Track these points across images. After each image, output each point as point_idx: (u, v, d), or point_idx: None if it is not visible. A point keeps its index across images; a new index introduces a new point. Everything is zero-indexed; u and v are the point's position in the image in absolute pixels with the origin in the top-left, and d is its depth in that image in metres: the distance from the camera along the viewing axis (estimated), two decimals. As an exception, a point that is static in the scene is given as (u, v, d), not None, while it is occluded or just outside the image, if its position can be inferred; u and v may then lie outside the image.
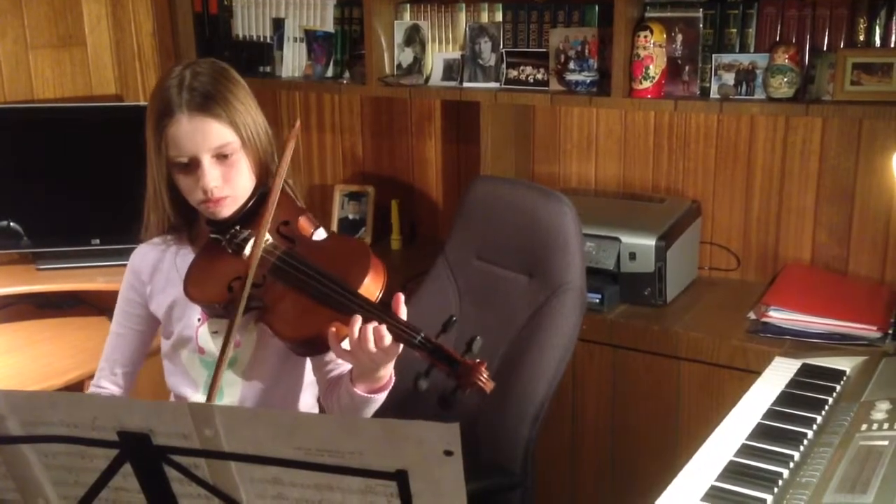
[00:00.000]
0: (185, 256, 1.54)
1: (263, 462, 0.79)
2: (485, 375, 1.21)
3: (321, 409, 1.62)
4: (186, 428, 0.79)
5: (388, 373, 1.37)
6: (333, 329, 1.31)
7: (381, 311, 1.29)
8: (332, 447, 0.77)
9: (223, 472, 0.82)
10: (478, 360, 1.22)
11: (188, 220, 1.55)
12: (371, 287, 1.35)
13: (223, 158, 1.44)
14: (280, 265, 1.40)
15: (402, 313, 1.31)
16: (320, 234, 1.55)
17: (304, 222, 1.49)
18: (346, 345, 1.33)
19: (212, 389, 1.31)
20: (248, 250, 1.42)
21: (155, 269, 1.58)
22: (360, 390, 1.37)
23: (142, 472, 0.83)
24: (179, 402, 0.82)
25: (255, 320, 1.46)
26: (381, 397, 1.40)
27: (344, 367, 1.48)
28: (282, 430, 0.78)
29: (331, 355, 1.45)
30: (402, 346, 1.28)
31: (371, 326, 1.27)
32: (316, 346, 1.36)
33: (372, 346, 1.27)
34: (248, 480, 0.82)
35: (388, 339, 1.26)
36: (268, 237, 1.44)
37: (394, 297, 1.31)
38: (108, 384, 1.62)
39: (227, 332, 1.36)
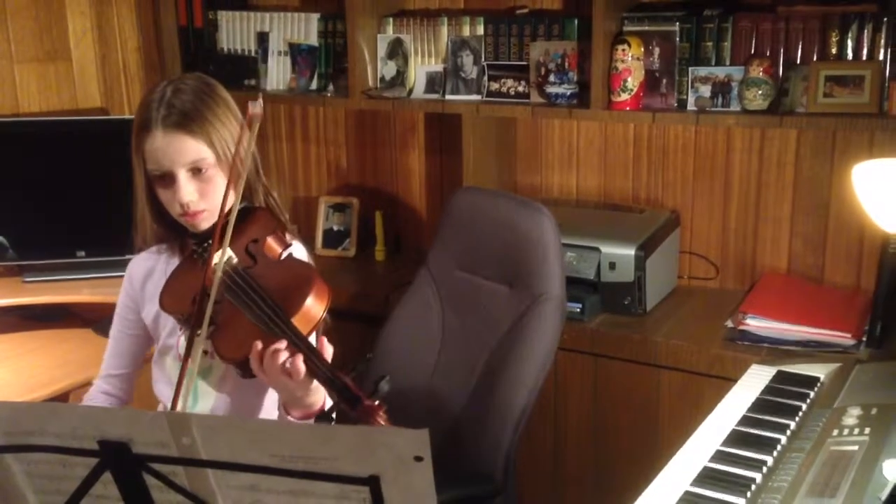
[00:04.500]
0: (173, 266, 1.57)
1: (240, 469, 0.81)
2: (382, 419, 1.24)
3: None
4: (164, 436, 0.81)
5: (318, 400, 1.39)
6: (257, 349, 1.33)
7: (303, 343, 1.32)
8: (307, 454, 0.79)
9: (201, 480, 0.84)
10: (377, 403, 1.25)
11: (177, 232, 1.57)
12: (308, 314, 1.36)
13: (198, 173, 1.47)
14: (231, 284, 1.41)
15: (327, 353, 1.34)
16: (297, 252, 1.56)
17: (271, 241, 1.49)
18: None
19: (175, 397, 1.34)
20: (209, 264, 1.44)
21: (147, 277, 1.63)
22: (293, 416, 1.39)
23: (122, 480, 0.85)
24: (157, 412, 0.84)
25: (208, 336, 1.49)
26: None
27: None
28: (257, 437, 0.80)
29: None
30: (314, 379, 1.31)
31: (283, 354, 1.30)
32: (250, 370, 1.37)
33: (280, 371, 1.30)
34: (225, 487, 0.84)
35: (301, 370, 1.29)
36: (232, 255, 1.45)
37: (318, 339, 1.36)
38: (105, 385, 1.68)
39: (186, 346, 1.38)
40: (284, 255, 1.51)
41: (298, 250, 1.59)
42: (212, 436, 0.80)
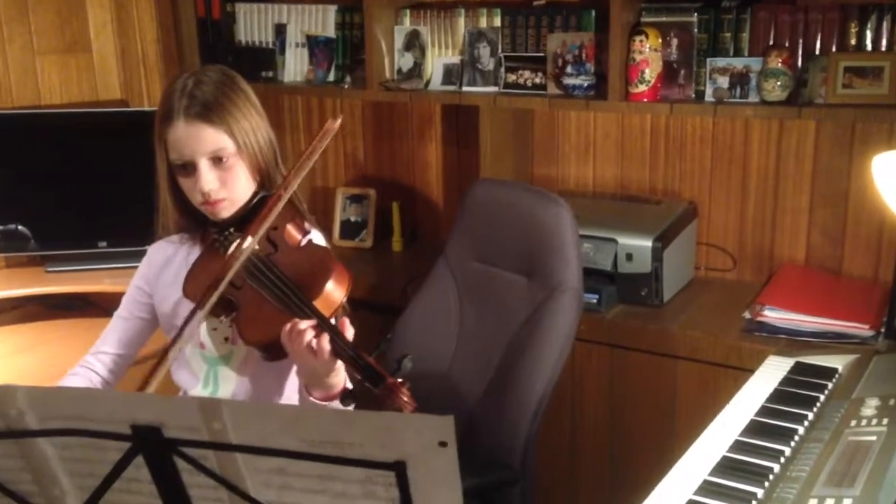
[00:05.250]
0: (195, 256, 1.59)
1: (269, 453, 0.83)
2: (405, 396, 1.27)
3: None
4: (195, 421, 0.83)
5: (339, 381, 1.42)
6: (286, 333, 1.36)
7: (326, 324, 1.35)
8: (334, 439, 0.81)
9: (230, 464, 0.86)
10: (400, 381, 1.27)
11: (199, 221, 1.60)
12: (329, 298, 1.40)
13: (219, 162, 1.49)
14: (253, 269, 1.45)
15: (348, 333, 1.37)
16: (316, 238, 1.59)
17: (291, 228, 1.52)
18: None
19: (147, 380, 1.35)
20: (231, 251, 1.47)
21: (166, 263, 1.65)
22: (314, 397, 1.42)
23: (153, 463, 0.87)
24: (189, 397, 0.86)
25: (229, 322, 1.51)
26: (336, 405, 1.42)
27: None
28: (286, 422, 0.82)
29: None
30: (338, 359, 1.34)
31: (310, 333, 1.33)
32: (274, 352, 1.41)
33: (306, 349, 1.33)
34: (254, 471, 0.86)
35: (326, 350, 1.32)
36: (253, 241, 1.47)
37: (340, 320, 1.39)
38: (93, 360, 1.67)
39: (182, 324, 1.40)
40: (304, 241, 1.54)
41: (317, 238, 1.61)
42: (242, 420, 0.82)
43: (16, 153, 2.56)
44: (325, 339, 1.32)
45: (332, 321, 1.38)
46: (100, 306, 2.54)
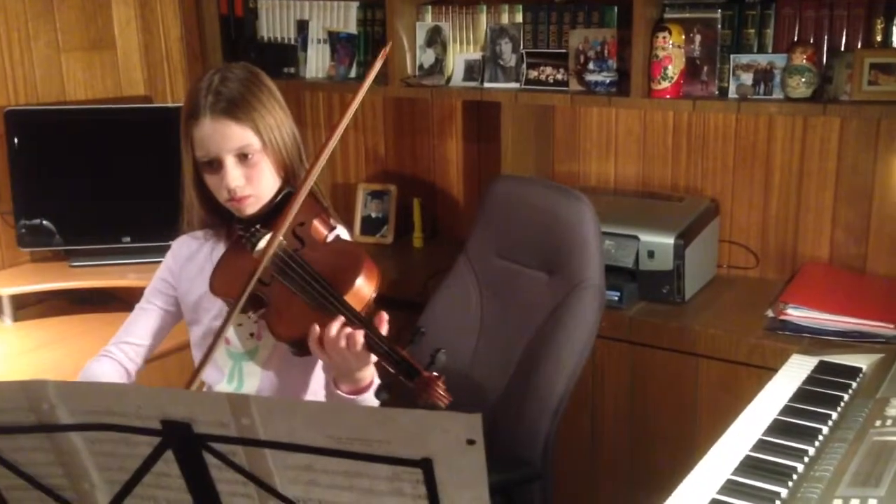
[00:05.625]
0: (219, 251, 1.61)
1: (297, 450, 0.84)
2: (441, 390, 1.26)
3: None
4: (225, 417, 0.83)
5: (368, 375, 1.42)
6: (316, 329, 1.36)
7: (359, 318, 1.35)
8: (362, 436, 0.81)
9: (259, 459, 0.86)
10: (436, 375, 1.27)
11: (223, 218, 1.61)
12: (360, 293, 1.40)
13: (244, 159, 1.50)
14: (282, 265, 1.45)
15: (383, 328, 1.37)
16: (342, 235, 1.59)
17: (317, 224, 1.53)
18: None
19: (195, 375, 1.37)
20: (259, 248, 1.48)
21: (190, 258, 1.66)
22: (342, 391, 1.42)
23: (183, 458, 0.88)
24: (218, 393, 0.87)
25: (258, 318, 1.52)
26: (364, 398, 1.43)
27: None
28: (314, 419, 0.83)
29: None
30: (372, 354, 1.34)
31: (345, 330, 1.33)
32: (304, 347, 1.41)
33: (343, 347, 1.33)
34: (282, 467, 0.86)
35: (360, 344, 1.32)
36: (280, 238, 1.48)
37: (378, 314, 1.39)
38: (114, 350, 1.68)
39: (223, 322, 1.42)
40: (331, 237, 1.54)
41: (343, 234, 1.62)
42: (271, 417, 0.83)
43: (41, 149, 2.59)
44: (360, 333, 1.32)
45: (364, 315, 1.38)
46: (124, 301, 2.56)
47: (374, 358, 1.37)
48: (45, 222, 2.60)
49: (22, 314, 2.53)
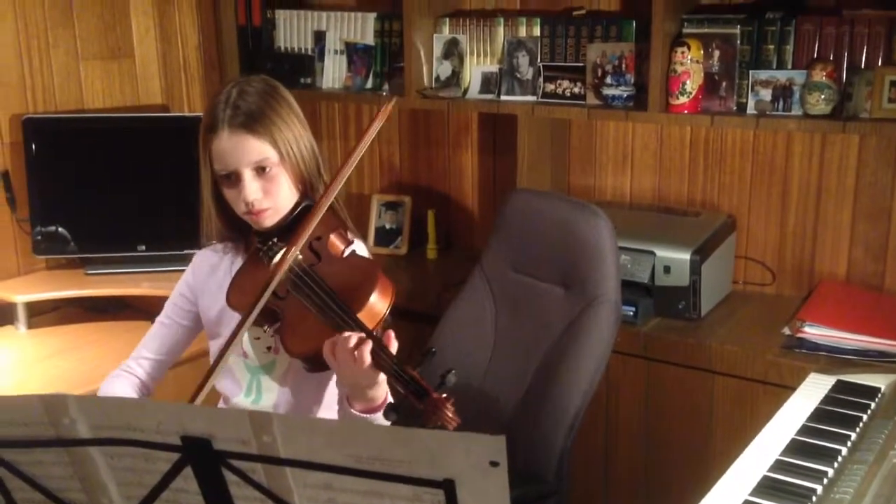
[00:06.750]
0: (238, 265, 1.61)
1: (317, 468, 0.83)
2: (450, 412, 1.25)
3: None
4: (245, 434, 0.83)
5: (381, 394, 1.41)
6: (329, 345, 1.36)
7: (371, 336, 1.35)
8: (383, 455, 0.81)
9: (278, 477, 0.86)
10: (445, 396, 1.26)
11: (242, 230, 1.61)
12: (373, 310, 1.40)
13: (262, 172, 1.51)
14: (296, 280, 1.45)
15: (392, 346, 1.36)
16: (359, 249, 1.59)
17: (334, 239, 1.52)
18: None
19: (196, 394, 1.37)
20: (276, 261, 1.48)
21: (211, 272, 1.66)
22: (354, 409, 1.42)
23: (202, 475, 0.87)
24: (240, 409, 0.86)
25: (272, 332, 1.51)
26: (376, 417, 1.42)
27: None
28: (335, 438, 0.82)
29: None
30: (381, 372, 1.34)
31: (353, 347, 1.33)
32: (317, 363, 1.41)
33: (351, 361, 1.32)
34: (301, 485, 0.86)
35: (366, 361, 1.32)
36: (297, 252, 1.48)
37: (385, 333, 1.38)
38: (133, 365, 1.69)
39: (232, 333, 1.41)
40: (347, 252, 1.54)
41: (360, 249, 1.61)
42: (291, 435, 0.82)
43: (58, 156, 2.60)
44: (367, 349, 1.32)
45: (376, 333, 1.38)
46: (138, 309, 2.57)
47: (383, 377, 1.36)
48: (60, 230, 2.61)
49: (36, 322, 2.54)
